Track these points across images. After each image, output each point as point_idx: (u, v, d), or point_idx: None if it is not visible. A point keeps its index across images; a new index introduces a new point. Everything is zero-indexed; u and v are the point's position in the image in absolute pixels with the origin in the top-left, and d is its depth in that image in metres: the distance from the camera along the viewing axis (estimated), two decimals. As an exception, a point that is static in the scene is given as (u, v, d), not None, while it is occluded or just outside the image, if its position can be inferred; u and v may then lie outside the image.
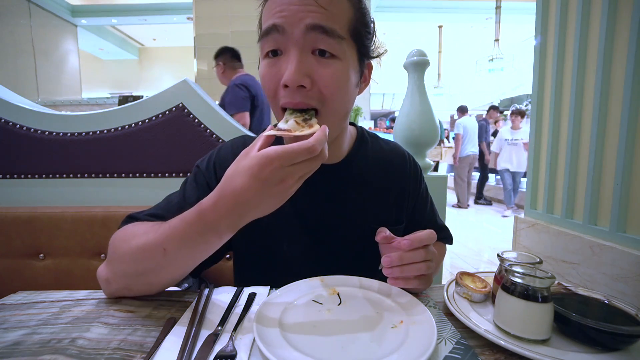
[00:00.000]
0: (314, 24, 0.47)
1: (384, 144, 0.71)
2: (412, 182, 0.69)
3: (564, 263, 1.23)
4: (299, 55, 0.48)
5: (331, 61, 0.49)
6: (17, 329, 0.44)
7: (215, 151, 0.65)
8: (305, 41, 0.47)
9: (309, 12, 0.47)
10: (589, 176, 1.15)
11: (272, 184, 0.39)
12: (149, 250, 0.47)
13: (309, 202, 0.61)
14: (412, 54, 1.28)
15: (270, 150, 0.39)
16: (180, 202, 0.60)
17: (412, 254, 0.50)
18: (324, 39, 0.48)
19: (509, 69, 6.42)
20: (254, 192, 0.40)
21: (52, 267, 0.90)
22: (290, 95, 0.48)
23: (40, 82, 5.03)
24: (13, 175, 0.95)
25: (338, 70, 0.50)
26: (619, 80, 1.06)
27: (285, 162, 0.38)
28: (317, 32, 0.47)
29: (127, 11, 6.22)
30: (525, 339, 0.40)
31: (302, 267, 0.56)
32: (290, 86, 0.47)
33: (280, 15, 0.47)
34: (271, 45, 0.49)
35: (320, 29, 0.47)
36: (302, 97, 0.49)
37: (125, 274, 0.51)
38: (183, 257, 0.46)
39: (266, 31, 0.49)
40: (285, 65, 0.48)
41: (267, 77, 0.51)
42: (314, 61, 0.49)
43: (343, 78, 0.51)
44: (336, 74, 0.50)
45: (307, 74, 0.48)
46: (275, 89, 0.50)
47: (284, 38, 0.48)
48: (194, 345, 0.39)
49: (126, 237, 0.52)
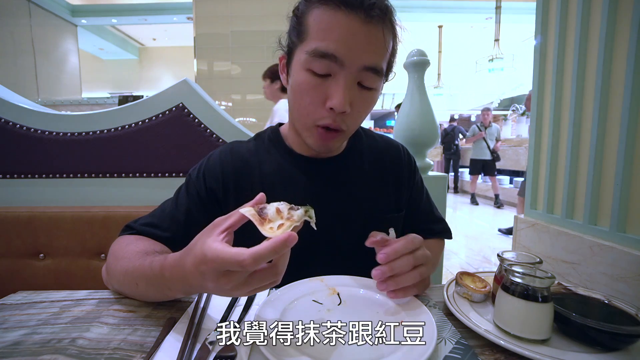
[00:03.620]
0: (371, 66, 0.51)
1: (378, 137, 0.74)
2: (406, 171, 0.71)
3: (564, 263, 1.23)
4: (350, 85, 0.52)
5: (370, 93, 0.55)
6: (17, 329, 0.44)
7: (205, 160, 0.66)
8: (358, 75, 0.52)
9: (370, 51, 0.51)
10: (589, 176, 1.15)
11: (209, 280, 0.37)
12: (127, 280, 0.50)
13: (310, 193, 0.62)
14: (412, 54, 1.28)
15: (209, 249, 0.36)
16: (172, 212, 0.62)
17: (401, 263, 0.48)
18: (373, 77, 0.53)
19: (509, 69, 6.41)
20: (196, 278, 0.38)
21: (52, 267, 0.90)
22: (333, 118, 0.53)
23: (40, 82, 5.02)
24: (13, 175, 0.95)
25: (372, 100, 0.57)
26: (619, 80, 1.06)
27: (217, 267, 0.35)
28: (370, 72, 0.52)
29: (127, 11, 6.21)
30: (525, 339, 0.40)
31: (303, 263, 0.56)
32: (336, 111, 0.52)
33: (343, 47, 0.49)
34: (323, 69, 0.51)
35: (373, 70, 0.52)
36: (340, 121, 0.54)
37: (119, 287, 0.54)
38: (152, 294, 0.49)
39: (321, 54, 0.50)
40: (335, 90, 0.51)
41: (312, 94, 0.53)
42: (357, 92, 0.53)
43: (373, 105, 0.58)
44: (370, 104, 0.57)
45: (351, 102, 0.52)
46: (316, 106, 0.53)
47: (338, 67, 0.51)
48: (194, 345, 0.39)
49: (117, 256, 0.54)
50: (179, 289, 0.43)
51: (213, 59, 3.48)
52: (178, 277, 0.41)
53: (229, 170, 0.63)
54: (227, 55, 3.43)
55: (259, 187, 0.62)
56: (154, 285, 0.46)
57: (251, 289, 0.38)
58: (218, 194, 0.62)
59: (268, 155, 0.65)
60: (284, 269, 0.39)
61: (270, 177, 0.63)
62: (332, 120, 0.53)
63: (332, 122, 0.53)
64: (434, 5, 5.84)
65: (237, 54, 3.42)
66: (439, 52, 7.55)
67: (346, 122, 0.55)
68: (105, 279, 0.57)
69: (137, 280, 0.48)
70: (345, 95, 0.51)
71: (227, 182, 0.62)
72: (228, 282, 0.36)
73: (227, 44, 3.41)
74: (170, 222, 0.60)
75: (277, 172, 0.63)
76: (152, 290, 0.47)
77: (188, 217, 0.60)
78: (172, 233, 0.59)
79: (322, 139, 0.56)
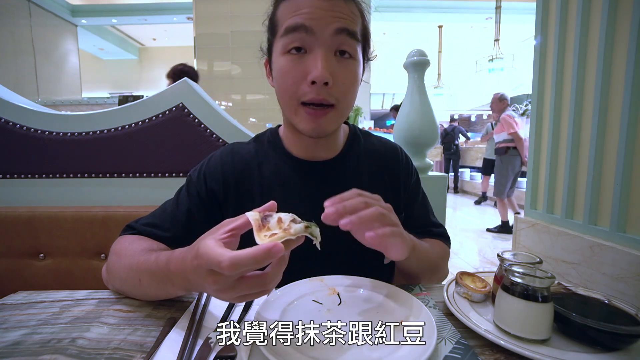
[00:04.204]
0: (343, 27, 0.52)
1: (376, 139, 0.73)
2: (403, 171, 0.70)
3: (564, 263, 1.23)
4: (326, 55, 0.52)
5: (349, 61, 0.55)
6: (17, 329, 0.44)
7: (206, 161, 0.66)
8: (331, 42, 0.52)
9: (336, 17, 0.52)
10: (589, 176, 1.15)
11: (199, 277, 0.37)
12: (130, 276, 0.50)
13: (308, 196, 0.62)
14: (412, 54, 1.28)
15: (203, 245, 0.36)
16: (173, 212, 0.62)
17: (353, 201, 0.45)
18: (348, 41, 0.53)
19: (509, 69, 6.42)
20: (192, 273, 0.38)
21: (52, 267, 0.90)
22: (316, 91, 0.52)
23: (40, 82, 5.02)
24: (13, 175, 0.95)
25: (354, 69, 0.56)
26: (619, 80, 1.06)
27: (203, 264, 0.35)
28: (344, 35, 0.53)
29: (127, 11, 6.22)
30: (525, 339, 0.40)
31: (302, 265, 0.56)
32: (318, 83, 0.51)
33: (309, 17, 0.51)
34: (297, 43, 0.52)
35: (347, 32, 0.53)
36: (325, 94, 0.53)
37: (120, 286, 0.54)
38: (154, 290, 0.49)
39: (292, 28, 0.52)
40: (313, 62, 0.51)
41: (292, 72, 0.53)
42: (336, 61, 0.53)
43: (357, 76, 0.57)
44: (353, 73, 0.56)
45: (331, 72, 0.52)
46: (298, 84, 0.53)
47: (312, 38, 0.52)
48: (194, 345, 0.39)
49: (121, 254, 0.55)
50: (180, 284, 0.43)
51: (213, 59, 3.49)
52: (180, 271, 0.41)
53: (230, 171, 0.63)
54: (227, 55, 3.44)
55: (258, 190, 0.62)
56: (158, 280, 0.46)
57: (237, 295, 0.36)
58: (218, 195, 0.62)
59: (267, 157, 0.65)
60: (276, 280, 0.37)
61: (268, 180, 0.63)
62: (316, 94, 0.52)
63: (316, 95, 0.52)
64: (434, 5, 5.84)
65: (237, 54, 3.42)
66: (439, 52, 7.56)
67: (333, 95, 0.53)
68: (105, 279, 0.58)
69: (141, 275, 0.48)
70: (324, 64, 0.51)
71: (228, 183, 0.62)
72: (214, 283, 0.35)
73: (227, 44, 3.41)
74: (171, 222, 0.60)
75: (275, 175, 0.63)
76: (155, 285, 0.47)
77: (189, 218, 0.61)
78: (172, 233, 0.59)
79: (311, 117, 0.54)
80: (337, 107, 0.55)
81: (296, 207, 0.60)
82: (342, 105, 0.56)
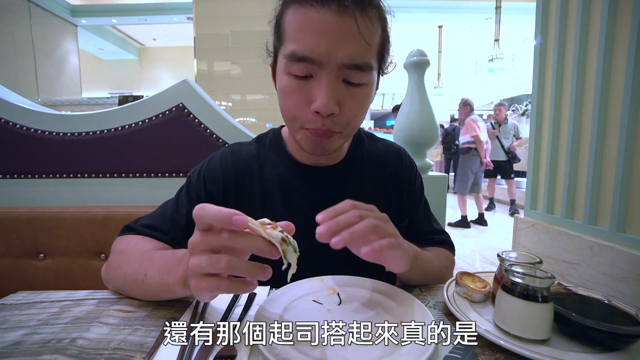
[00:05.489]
0: (352, 64, 0.47)
1: (380, 143, 0.71)
2: (407, 177, 0.69)
3: (564, 263, 1.23)
4: (333, 84, 0.48)
5: (360, 89, 0.50)
6: (17, 329, 0.44)
7: (206, 162, 0.65)
8: (339, 72, 0.48)
9: (347, 49, 0.46)
10: (589, 176, 1.15)
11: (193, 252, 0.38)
12: (136, 272, 0.49)
13: (309, 202, 0.61)
14: (412, 54, 1.28)
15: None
16: (173, 214, 0.61)
17: (345, 215, 0.42)
18: (357, 73, 0.49)
19: (509, 69, 6.41)
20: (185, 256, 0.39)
21: (52, 267, 0.90)
22: (321, 121, 0.49)
23: (40, 82, 5.02)
24: (13, 175, 0.95)
25: (364, 96, 0.52)
26: (619, 80, 1.06)
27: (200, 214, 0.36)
28: (352, 69, 0.48)
29: (127, 11, 6.21)
30: (525, 339, 0.39)
31: (302, 268, 0.56)
32: (322, 114, 0.48)
33: (317, 47, 0.46)
34: (302, 72, 0.48)
35: (356, 67, 0.48)
36: (330, 124, 0.50)
37: (122, 284, 0.53)
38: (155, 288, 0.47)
39: (299, 59, 0.47)
40: (318, 91, 0.48)
41: (295, 98, 0.50)
42: (344, 89, 0.49)
43: (368, 102, 0.53)
44: (363, 100, 0.52)
45: (338, 102, 0.49)
46: (301, 109, 0.50)
47: (317, 67, 0.47)
48: (193, 345, 0.39)
49: (126, 252, 0.55)
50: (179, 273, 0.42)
51: (213, 59, 3.48)
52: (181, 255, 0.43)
53: (230, 174, 0.62)
54: (227, 55, 3.43)
55: (258, 193, 0.61)
56: (162, 273, 0.45)
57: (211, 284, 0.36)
58: (218, 198, 0.61)
59: (268, 160, 0.64)
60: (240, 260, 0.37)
61: (269, 184, 0.62)
62: (321, 125, 0.50)
63: (320, 126, 0.50)
64: (434, 5, 5.83)
65: (237, 54, 3.42)
66: (439, 52, 7.55)
67: (338, 124, 0.51)
68: (104, 278, 0.57)
69: (148, 269, 0.47)
70: (329, 95, 0.47)
71: (228, 186, 0.62)
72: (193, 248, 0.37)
73: (227, 44, 3.41)
74: (170, 225, 0.60)
75: (276, 180, 0.62)
76: (158, 279, 0.46)
77: (189, 221, 0.60)
78: (172, 236, 0.59)
79: (314, 139, 0.52)
80: (343, 132, 0.53)
81: (297, 213, 0.60)
82: (349, 130, 0.54)
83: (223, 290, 0.37)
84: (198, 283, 0.37)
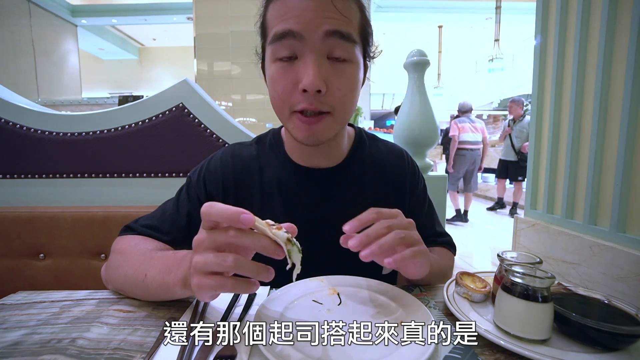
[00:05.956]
0: (333, 30, 0.48)
1: (382, 145, 0.70)
2: (409, 179, 0.68)
3: (564, 263, 1.23)
4: (317, 61, 0.48)
5: (345, 65, 0.51)
6: (17, 329, 0.44)
7: (206, 162, 0.65)
8: (322, 47, 0.48)
9: (326, 18, 0.47)
10: (589, 176, 1.15)
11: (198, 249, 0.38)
12: (137, 272, 0.49)
13: (309, 204, 0.61)
14: (412, 54, 1.28)
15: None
16: (173, 215, 0.61)
17: (375, 228, 0.44)
18: (341, 44, 0.49)
19: (509, 69, 6.41)
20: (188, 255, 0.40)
21: (52, 267, 0.90)
22: (308, 100, 0.49)
23: (40, 82, 5.02)
24: (13, 175, 0.95)
25: (351, 74, 0.52)
26: (619, 80, 1.06)
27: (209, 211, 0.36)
28: (335, 37, 0.48)
29: (127, 11, 6.21)
30: (525, 339, 0.40)
31: (302, 268, 0.56)
32: (309, 91, 0.48)
33: (297, 21, 0.47)
34: (286, 51, 0.49)
35: (338, 34, 0.48)
36: (318, 103, 0.50)
37: (122, 284, 0.53)
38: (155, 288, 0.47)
39: (280, 35, 0.48)
40: (304, 70, 0.48)
41: (282, 81, 0.50)
42: (330, 66, 0.50)
43: (355, 81, 0.53)
44: (350, 78, 0.52)
45: (324, 79, 0.48)
46: (289, 92, 0.50)
47: (301, 44, 0.48)
48: (193, 345, 0.39)
49: (127, 252, 0.55)
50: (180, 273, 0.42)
51: (213, 59, 3.48)
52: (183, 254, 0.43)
53: (229, 175, 0.62)
54: (227, 55, 3.43)
55: (258, 195, 0.61)
56: (163, 272, 0.45)
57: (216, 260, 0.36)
58: (217, 198, 0.61)
59: (268, 162, 0.63)
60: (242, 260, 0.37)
61: (269, 186, 0.61)
62: (309, 103, 0.49)
63: (308, 104, 0.49)
64: (434, 5, 5.83)
65: (237, 54, 3.42)
66: (439, 52, 7.56)
67: (327, 103, 0.50)
68: (104, 278, 0.57)
69: (149, 269, 0.47)
70: (315, 71, 0.47)
71: (228, 187, 0.61)
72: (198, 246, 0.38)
73: (227, 44, 3.41)
74: (170, 225, 0.60)
75: (276, 182, 0.62)
76: (159, 279, 0.45)
77: (189, 221, 0.60)
78: (172, 237, 0.59)
79: (305, 124, 0.51)
80: (334, 114, 0.52)
81: (297, 215, 0.59)
82: (339, 112, 0.52)
83: (227, 289, 0.37)
84: (201, 281, 0.37)
